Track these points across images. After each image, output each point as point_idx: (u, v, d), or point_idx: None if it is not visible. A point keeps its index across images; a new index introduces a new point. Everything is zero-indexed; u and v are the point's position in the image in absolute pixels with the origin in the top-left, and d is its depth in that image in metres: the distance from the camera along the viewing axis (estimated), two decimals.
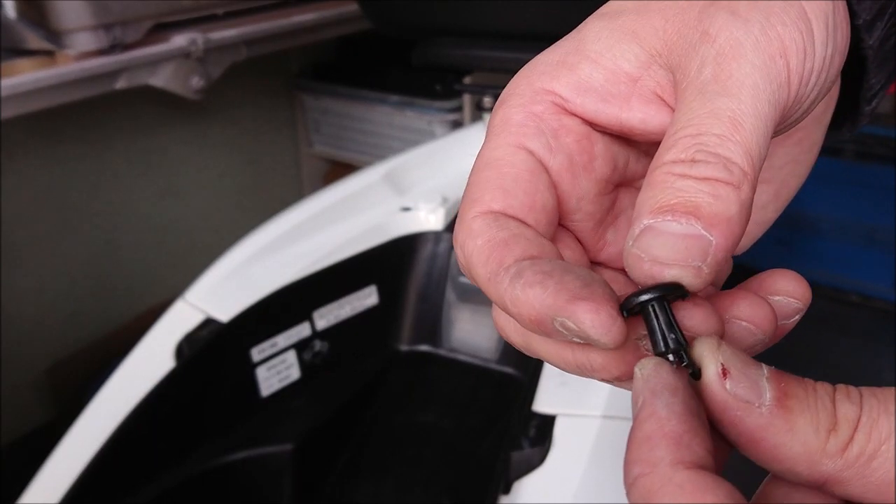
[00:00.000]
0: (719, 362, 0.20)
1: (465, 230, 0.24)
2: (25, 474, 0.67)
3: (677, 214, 0.21)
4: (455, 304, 0.88)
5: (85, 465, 0.66)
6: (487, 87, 0.96)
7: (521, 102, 0.25)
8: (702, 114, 0.22)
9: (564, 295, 0.20)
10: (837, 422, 0.19)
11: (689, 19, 0.24)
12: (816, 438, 0.19)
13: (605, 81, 0.25)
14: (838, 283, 1.46)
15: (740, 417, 0.19)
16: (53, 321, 1.43)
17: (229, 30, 1.36)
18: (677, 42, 0.24)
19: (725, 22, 0.23)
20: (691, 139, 0.21)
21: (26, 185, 1.35)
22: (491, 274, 0.22)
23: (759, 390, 0.19)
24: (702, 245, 0.20)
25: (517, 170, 0.24)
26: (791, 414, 0.19)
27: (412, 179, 0.96)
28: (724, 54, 0.22)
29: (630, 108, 0.25)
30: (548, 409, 0.65)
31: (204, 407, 0.76)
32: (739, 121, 0.21)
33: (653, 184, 0.21)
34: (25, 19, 1.14)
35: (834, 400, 0.19)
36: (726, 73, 0.22)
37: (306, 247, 0.85)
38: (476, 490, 0.73)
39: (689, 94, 0.22)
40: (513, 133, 0.25)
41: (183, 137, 1.59)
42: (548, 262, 0.22)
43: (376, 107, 1.70)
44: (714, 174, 0.21)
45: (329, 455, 0.79)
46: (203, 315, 0.79)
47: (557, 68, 0.25)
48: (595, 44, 0.25)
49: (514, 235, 0.23)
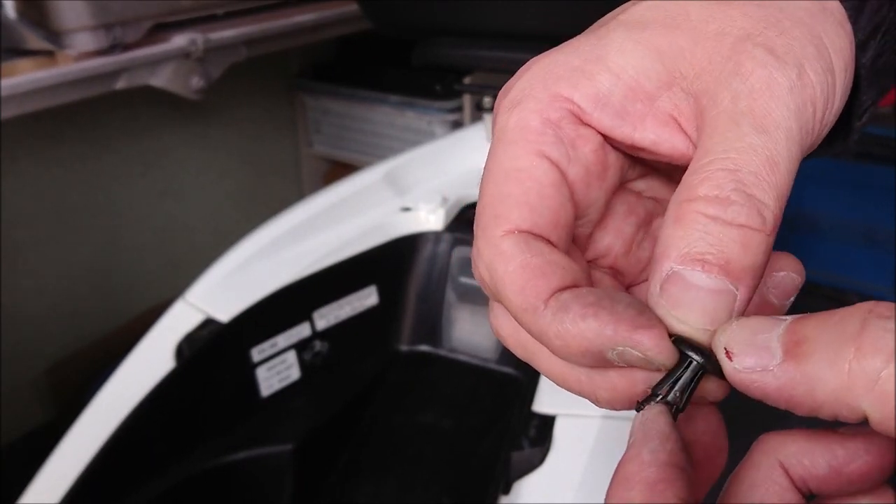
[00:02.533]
0: (722, 347, 0.20)
1: (492, 249, 0.23)
2: (25, 474, 0.67)
3: (708, 267, 0.21)
4: (455, 304, 0.88)
5: (85, 465, 0.66)
6: (487, 87, 0.96)
7: (537, 108, 0.24)
8: (738, 147, 0.21)
9: (625, 325, 0.21)
10: (862, 349, 0.17)
11: (722, 48, 0.23)
12: (837, 375, 0.18)
13: (624, 98, 0.24)
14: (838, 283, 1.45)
15: (760, 386, 0.19)
16: (53, 321, 1.43)
17: (229, 30, 1.36)
18: (706, 68, 0.23)
19: (763, 60, 0.23)
20: (728, 174, 0.21)
21: (26, 186, 1.35)
22: (529, 306, 0.22)
23: (769, 353, 0.19)
24: (728, 301, 0.21)
25: (541, 184, 0.24)
26: (803, 359, 0.18)
27: (412, 179, 0.96)
28: (762, 92, 0.22)
29: (644, 128, 0.24)
30: (548, 409, 0.65)
31: (204, 407, 0.76)
32: (776, 161, 0.21)
33: (683, 221, 0.21)
34: (25, 19, 1.14)
35: (863, 327, 0.18)
36: (764, 111, 0.22)
37: (306, 247, 0.85)
38: (476, 490, 0.73)
39: (721, 122, 0.22)
40: (532, 141, 0.24)
41: (183, 138, 1.59)
42: (588, 292, 0.22)
43: (376, 107, 1.70)
44: (748, 221, 0.21)
45: (329, 455, 0.79)
46: (203, 315, 0.78)
47: (576, 75, 0.24)
48: (618, 56, 0.24)
49: (549, 263, 0.23)
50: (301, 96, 1.81)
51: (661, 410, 0.21)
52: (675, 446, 0.20)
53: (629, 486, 0.19)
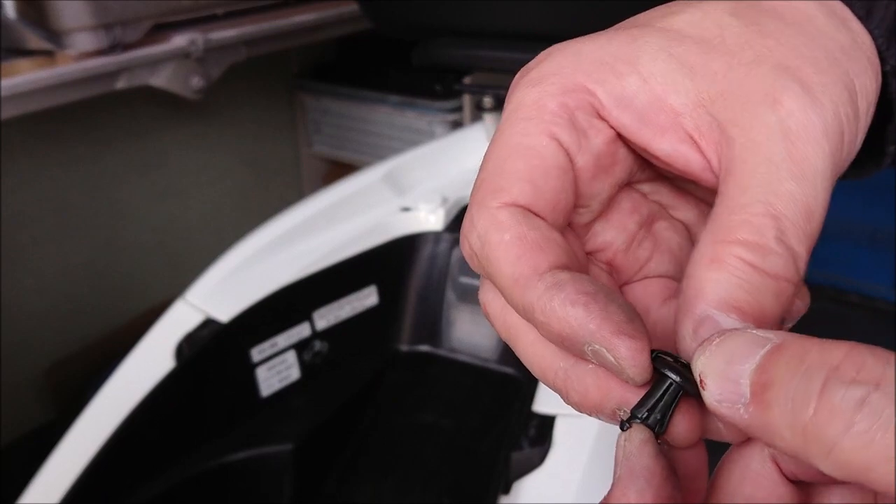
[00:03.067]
0: (698, 372, 0.20)
1: (488, 219, 0.23)
2: (25, 474, 0.67)
3: (744, 316, 0.21)
4: (455, 304, 0.88)
5: (85, 465, 0.66)
6: (487, 87, 0.96)
7: (557, 91, 0.24)
8: (779, 192, 0.21)
9: (609, 326, 0.20)
10: (821, 403, 0.16)
11: (757, 78, 0.23)
12: (793, 437, 0.17)
13: (648, 107, 0.24)
14: (838, 283, 1.45)
15: (732, 419, 0.19)
16: (53, 321, 1.43)
17: (229, 30, 1.36)
18: (738, 96, 0.23)
19: (801, 98, 0.22)
20: (770, 221, 0.21)
21: (26, 186, 1.35)
22: (521, 276, 0.22)
23: (739, 390, 0.18)
24: None
25: (548, 164, 0.23)
26: (768, 409, 0.18)
27: (412, 179, 0.96)
28: (799, 135, 0.22)
29: (661, 140, 0.24)
30: (548, 409, 0.65)
31: (204, 407, 0.76)
32: (813, 212, 0.21)
33: (720, 264, 0.21)
34: (25, 19, 1.14)
35: (829, 377, 0.17)
36: (802, 155, 0.22)
37: (306, 247, 0.85)
38: (476, 490, 0.73)
39: (758, 161, 0.22)
40: (546, 121, 0.24)
41: (183, 138, 1.59)
42: (588, 281, 0.21)
43: (376, 107, 1.70)
44: (785, 273, 0.21)
45: (329, 455, 0.79)
46: (203, 315, 0.79)
47: (604, 71, 0.24)
48: (650, 63, 0.24)
49: (547, 239, 0.22)
50: (301, 96, 1.81)
51: (644, 439, 0.21)
52: (662, 481, 0.20)
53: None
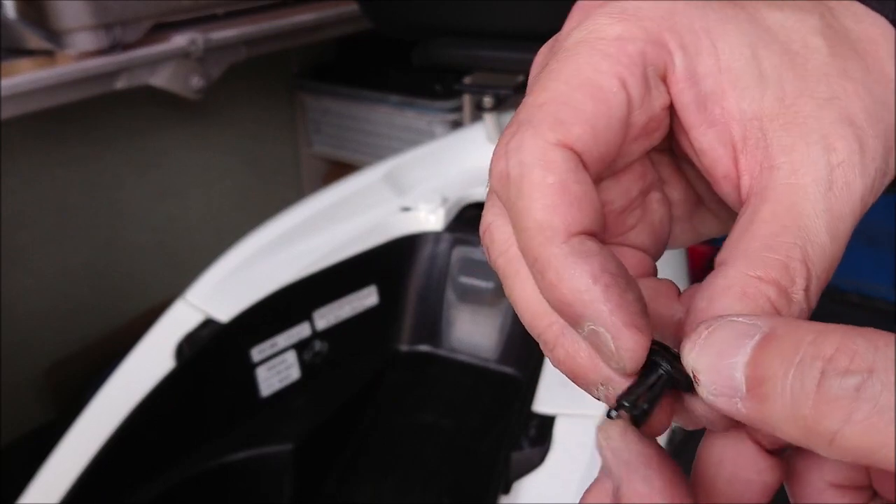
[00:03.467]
0: (690, 368, 0.19)
1: (539, 150, 0.21)
2: (25, 474, 0.67)
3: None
4: (455, 304, 0.88)
5: (85, 465, 0.66)
6: (487, 87, 0.96)
7: (643, 36, 0.22)
8: (815, 243, 0.21)
9: (623, 315, 0.20)
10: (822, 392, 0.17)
11: (823, 119, 0.22)
12: (795, 429, 0.17)
13: (711, 94, 0.23)
14: (838, 283, 1.45)
15: (731, 412, 0.19)
16: (53, 321, 1.43)
17: (229, 30, 1.36)
18: (798, 124, 0.22)
19: (853, 157, 0.22)
20: (804, 271, 0.21)
21: (26, 186, 1.35)
22: (550, 228, 0.20)
23: (734, 384, 0.18)
24: None
25: (613, 114, 0.22)
26: (765, 403, 0.18)
27: (412, 179, 0.96)
28: (842, 193, 0.22)
29: (706, 132, 0.23)
30: (548, 409, 0.65)
31: (204, 407, 0.76)
32: (833, 268, 0.22)
33: (748, 299, 0.21)
34: (25, 19, 1.14)
35: (823, 371, 0.17)
36: (840, 215, 0.22)
37: (306, 247, 0.85)
38: (476, 490, 0.73)
39: (802, 201, 0.22)
40: (623, 64, 0.22)
41: (183, 137, 1.59)
42: (614, 262, 0.21)
43: (376, 107, 1.70)
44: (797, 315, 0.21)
45: (329, 455, 0.79)
46: (203, 315, 0.79)
47: (689, 37, 0.23)
48: (731, 54, 0.23)
49: (589, 199, 0.21)
50: (301, 96, 1.81)
51: (622, 429, 0.20)
52: (659, 461, 0.20)
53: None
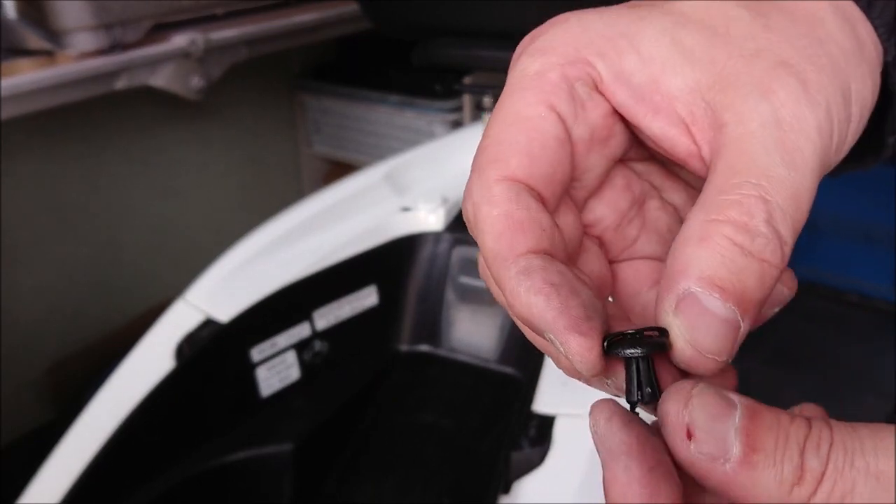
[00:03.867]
0: (684, 424, 0.20)
1: (483, 190, 0.24)
2: (25, 474, 0.67)
3: (725, 295, 0.21)
4: (455, 304, 0.88)
5: (85, 465, 0.66)
6: (487, 87, 0.96)
7: (560, 62, 0.25)
8: (771, 176, 0.22)
9: (564, 320, 0.21)
10: (804, 476, 0.19)
11: (756, 69, 0.23)
12: (779, 492, 0.19)
13: (644, 84, 0.24)
14: (838, 283, 1.45)
15: (709, 473, 0.19)
16: (53, 321, 1.43)
17: (229, 30, 1.36)
18: (735, 84, 0.23)
19: (795, 91, 0.23)
20: (761, 203, 0.21)
21: (26, 185, 1.35)
22: (499, 255, 0.23)
23: (726, 446, 0.19)
24: (734, 333, 0.21)
25: (546, 136, 0.24)
26: (755, 470, 0.19)
27: (412, 179, 0.96)
28: (792, 126, 0.22)
29: (654, 120, 0.25)
30: (548, 409, 0.65)
31: (204, 407, 0.76)
32: (801, 199, 0.22)
33: (708, 242, 0.21)
34: (25, 19, 1.14)
35: (803, 452, 0.19)
36: (795, 146, 0.22)
37: (306, 247, 0.85)
38: (476, 490, 0.73)
39: (752, 146, 0.22)
40: (546, 91, 0.24)
41: (183, 137, 1.59)
42: (557, 271, 0.22)
43: (376, 107, 1.70)
44: (770, 258, 0.21)
45: (329, 455, 0.79)
46: (203, 315, 0.79)
47: (607, 46, 0.25)
48: (652, 45, 0.24)
49: (532, 220, 0.23)
50: (301, 96, 1.81)
51: (608, 416, 0.21)
52: (640, 450, 0.20)
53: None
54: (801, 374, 1.25)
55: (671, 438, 0.20)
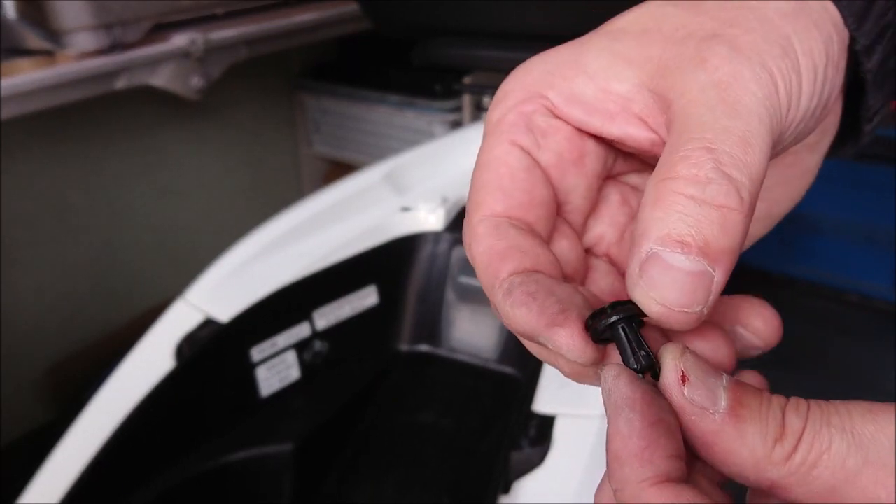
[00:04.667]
0: (679, 369, 0.21)
1: (469, 233, 0.26)
2: (25, 474, 0.67)
3: (687, 248, 0.21)
4: (455, 304, 0.88)
5: (85, 465, 0.66)
6: (487, 87, 0.96)
7: (512, 104, 0.27)
8: (716, 128, 0.22)
9: (544, 319, 0.22)
10: (784, 432, 0.20)
11: (687, 49, 0.25)
12: (763, 447, 0.20)
13: (595, 98, 0.26)
14: (838, 283, 1.45)
15: (695, 422, 0.20)
16: (53, 322, 1.43)
17: (229, 30, 1.36)
18: (671, 67, 0.25)
19: (728, 55, 0.24)
20: (706, 153, 0.22)
21: (26, 186, 1.34)
22: (488, 284, 0.25)
23: (715, 398, 0.20)
24: (706, 283, 0.21)
25: (512, 168, 0.26)
26: (742, 422, 0.20)
27: (412, 179, 0.96)
28: (729, 83, 0.23)
29: (612, 125, 0.26)
30: (548, 409, 0.65)
31: (204, 407, 0.76)
32: (750, 142, 0.22)
33: (661, 202, 0.22)
34: (25, 19, 1.14)
35: (784, 411, 0.20)
36: (734, 98, 0.23)
37: (306, 247, 0.85)
38: (476, 490, 0.73)
39: (694, 108, 0.23)
40: (505, 132, 0.27)
41: (183, 137, 1.59)
42: (535, 281, 0.24)
43: (376, 107, 1.70)
44: (726, 202, 0.21)
45: (329, 455, 0.79)
46: (203, 315, 0.78)
47: (554, 76, 0.27)
48: (593, 62, 0.26)
49: (510, 247, 0.25)
50: (301, 96, 1.81)
51: (617, 373, 0.22)
52: (644, 403, 0.21)
53: (620, 463, 0.20)
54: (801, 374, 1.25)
55: (666, 381, 0.21)
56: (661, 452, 0.20)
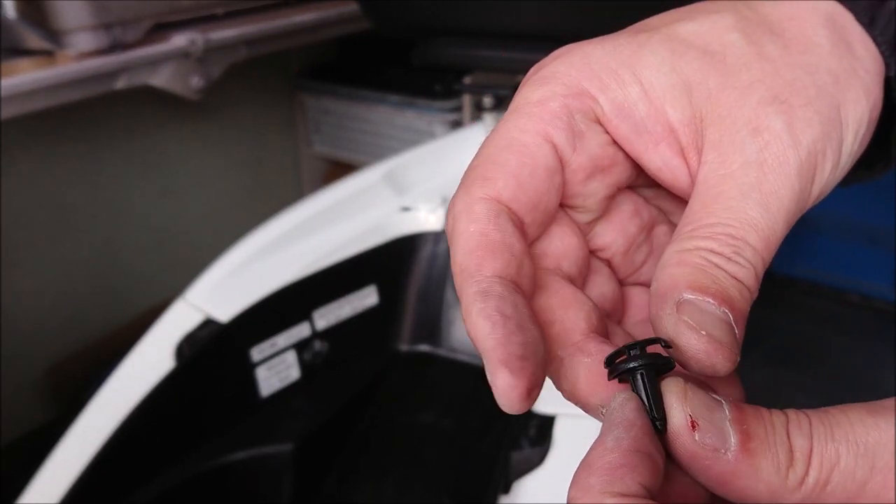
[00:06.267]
0: (687, 414, 0.20)
1: (466, 204, 0.24)
2: (25, 474, 0.67)
3: (718, 300, 0.21)
4: (455, 304, 0.88)
5: (85, 465, 0.66)
6: (487, 87, 0.96)
7: (563, 92, 0.25)
8: (743, 218, 0.22)
9: (499, 353, 0.21)
10: (793, 456, 0.20)
11: (746, 105, 0.24)
12: (778, 478, 0.20)
13: (646, 117, 0.25)
14: (838, 283, 1.45)
15: (709, 465, 0.20)
16: (53, 321, 1.43)
17: (229, 30, 1.35)
18: (725, 119, 0.24)
19: (780, 133, 0.23)
20: (731, 240, 0.22)
21: (26, 185, 1.34)
22: (466, 269, 0.23)
23: (725, 436, 0.20)
24: (734, 336, 0.21)
25: (537, 164, 0.24)
26: (754, 458, 0.20)
27: (412, 179, 0.96)
28: (772, 168, 0.23)
29: (655, 152, 0.25)
30: (548, 409, 0.65)
31: (204, 407, 0.76)
32: (770, 239, 0.23)
33: (687, 263, 0.22)
34: (25, 19, 1.14)
35: (788, 433, 0.20)
36: (771, 189, 0.23)
37: (306, 247, 0.85)
38: (476, 490, 0.73)
39: (728, 188, 0.23)
40: (545, 120, 0.25)
41: (183, 137, 1.59)
42: (512, 305, 0.22)
43: (376, 107, 1.70)
44: (745, 279, 0.22)
45: (329, 455, 0.79)
46: (203, 315, 0.78)
47: (608, 77, 0.25)
48: (653, 75, 0.25)
49: (505, 243, 0.23)
50: (301, 96, 1.81)
51: (628, 398, 0.21)
52: (641, 433, 0.20)
53: (590, 472, 0.20)
54: (801, 374, 1.25)
55: (675, 428, 0.20)
56: (636, 477, 0.19)
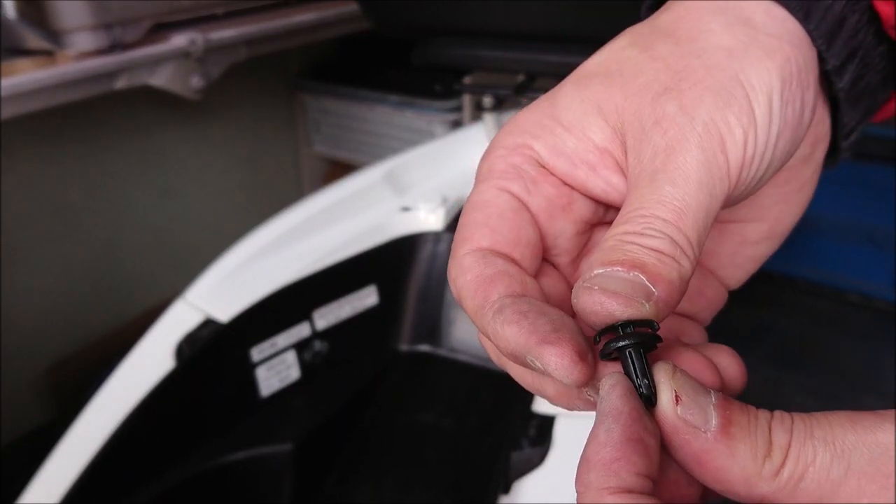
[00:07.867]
0: (673, 389, 0.22)
1: (456, 266, 0.26)
2: (25, 474, 0.67)
3: (626, 266, 0.23)
4: (455, 304, 0.88)
5: (85, 465, 0.66)
6: (487, 87, 0.96)
7: (503, 154, 0.28)
8: (651, 198, 0.24)
9: (535, 337, 0.23)
10: (772, 448, 0.21)
11: (645, 104, 0.26)
12: (753, 463, 0.21)
13: (576, 148, 0.27)
14: (838, 283, 1.45)
15: (688, 440, 0.21)
16: (53, 321, 1.43)
17: (229, 30, 1.36)
18: (633, 124, 0.26)
19: (675, 116, 0.25)
20: (641, 218, 0.24)
21: (26, 186, 1.35)
22: (477, 307, 0.25)
23: (707, 416, 0.21)
24: (645, 291, 0.22)
25: (501, 209, 0.27)
26: (733, 440, 0.21)
27: (412, 179, 0.96)
28: (674, 148, 0.24)
29: (597, 177, 0.27)
30: (548, 409, 0.65)
31: (204, 407, 0.76)
32: (684, 210, 0.24)
33: (603, 248, 0.24)
34: (25, 19, 1.14)
35: (770, 427, 0.21)
36: (675, 166, 0.24)
37: (306, 247, 0.85)
38: (476, 490, 0.73)
39: (641, 180, 0.25)
40: (496, 178, 0.28)
41: (183, 137, 1.59)
42: (527, 302, 0.24)
43: (376, 107, 1.70)
44: (660, 246, 0.23)
45: (329, 455, 0.79)
46: (203, 315, 0.78)
47: (537, 128, 0.28)
48: (567, 113, 0.27)
49: (500, 272, 0.25)
50: (301, 96, 1.81)
51: (613, 384, 0.22)
52: (630, 419, 0.21)
53: (588, 467, 0.21)
54: (801, 374, 1.25)
55: (661, 402, 0.22)
56: (630, 468, 0.20)
